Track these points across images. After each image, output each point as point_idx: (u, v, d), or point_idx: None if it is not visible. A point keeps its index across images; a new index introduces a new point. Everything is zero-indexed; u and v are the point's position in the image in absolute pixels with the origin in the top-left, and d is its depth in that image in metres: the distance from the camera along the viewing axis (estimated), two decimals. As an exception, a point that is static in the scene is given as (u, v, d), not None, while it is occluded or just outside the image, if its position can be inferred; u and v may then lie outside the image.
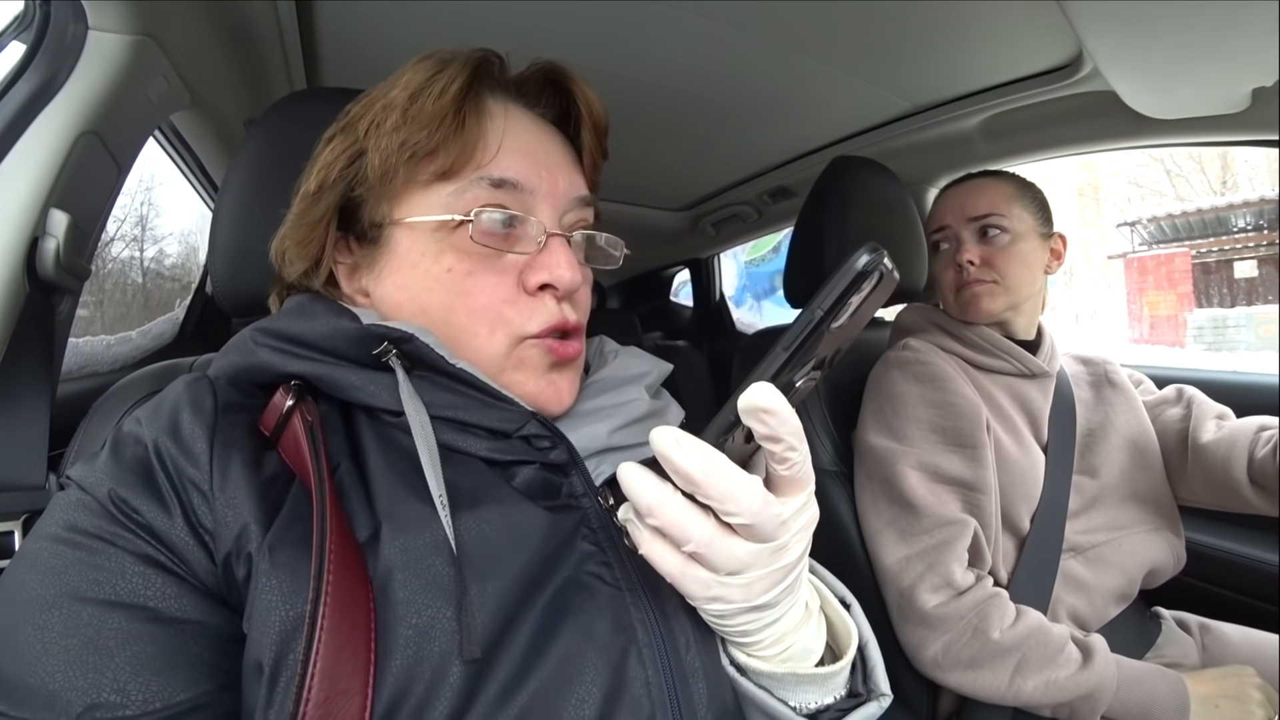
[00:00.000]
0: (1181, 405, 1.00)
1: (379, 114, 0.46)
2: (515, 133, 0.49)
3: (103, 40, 0.73)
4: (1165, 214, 9.09)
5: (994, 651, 0.75)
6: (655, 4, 0.92)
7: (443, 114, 0.45)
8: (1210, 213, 8.60)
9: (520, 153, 0.48)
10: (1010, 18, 0.92)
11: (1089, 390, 1.02)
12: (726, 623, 0.37)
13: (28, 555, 0.36)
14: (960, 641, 0.77)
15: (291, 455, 0.42)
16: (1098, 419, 0.98)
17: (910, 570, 0.81)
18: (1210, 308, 8.38)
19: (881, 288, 0.31)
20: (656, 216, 2.10)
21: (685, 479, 0.31)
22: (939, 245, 1.02)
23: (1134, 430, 0.98)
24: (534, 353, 0.48)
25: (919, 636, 0.80)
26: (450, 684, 0.35)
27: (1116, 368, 1.06)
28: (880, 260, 0.30)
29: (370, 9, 0.93)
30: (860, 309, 0.32)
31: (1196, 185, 10.71)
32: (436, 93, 0.45)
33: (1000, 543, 0.85)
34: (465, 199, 0.46)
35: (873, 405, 0.94)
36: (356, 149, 0.47)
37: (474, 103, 0.47)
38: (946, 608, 0.78)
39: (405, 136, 0.45)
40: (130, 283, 2.01)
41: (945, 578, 0.79)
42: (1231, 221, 8.56)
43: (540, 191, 0.49)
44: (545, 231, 0.48)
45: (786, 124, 1.37)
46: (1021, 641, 0.75)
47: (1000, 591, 0.79)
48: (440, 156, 0.46)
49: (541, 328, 0.48)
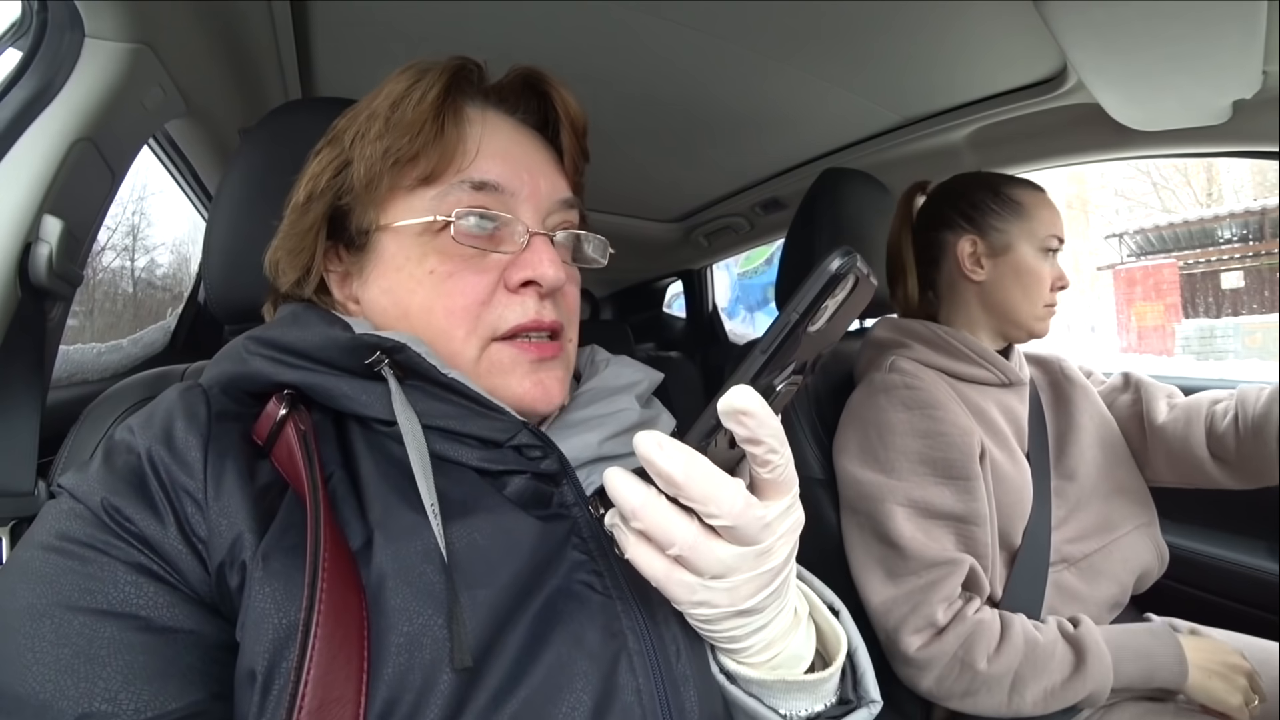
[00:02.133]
0: (1131, 390, 1.01)
1: (363, 125, 0.48)
2: (494, 137, 0.50)
3: (99, 48, 0.73)
4: (1152, 225, 9.20)
5: (985, 680, 0.75)
6: (647, 17, 0.93)
7: (422, 120, 0.46)
8: (1196, 224, 8.72)
9: (499, 156, 0.49)
10: (996, 32, 0.94)
11: (1050, 392, 1.01)
12: (713, 628, 0.37)
13: (19, 564, 0.36)
14: (950, 677, 0.76)
15: (285, 464, 0.42)
16: (1065, 420, 0.97)
17: (895, 612, 0.80)
18: (1198, 318, 8.46)
19: (858, 292, 0.32)
20: (649, 228, 2.11)
21: (668, 481, 0.32)
22: (1051, 251, 0.92)
23: (1099, 425, 0.98)
24: (505, 354, 0.49)
25: (909, 674, 0.80)
26: (441, 692, 0.35)
27: (1070, 364, 1.05)
28: (853, 264, 0.30)
29: (365, 20, 0.94)
30: (837, 313, 0.32)
31: (1182, 197, 10.88)
32: (416, 99, 0.46)
33: (996, 563, 0.84)
34: (447, 202, 0.48)
35: (856, 432, 0.90)
36: (342, 159, 0.49)
37: (452, 108, 0.48)
38: (929, 649, 0.77)
39: (388, 144, 0.46)
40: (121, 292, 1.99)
41: (928, 619, 0.77)
42: (1218, 232, 8.67)
43: (522, 193, 0.50)
44: (528, 231, 0.49)
45: (778, 136, 1.39)
46: (1010, 664, 0.75)
47: (983, 617, 0.78)
48: (422, 162, 0.47)
49: (514, 324, 0.48)
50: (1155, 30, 0.75)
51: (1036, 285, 0.91)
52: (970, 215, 0.95)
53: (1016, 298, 0.92)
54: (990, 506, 0.83)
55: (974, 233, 0.94)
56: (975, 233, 0.94)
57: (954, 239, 0.95)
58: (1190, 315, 8.61)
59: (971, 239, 0.94)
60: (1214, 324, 7.88)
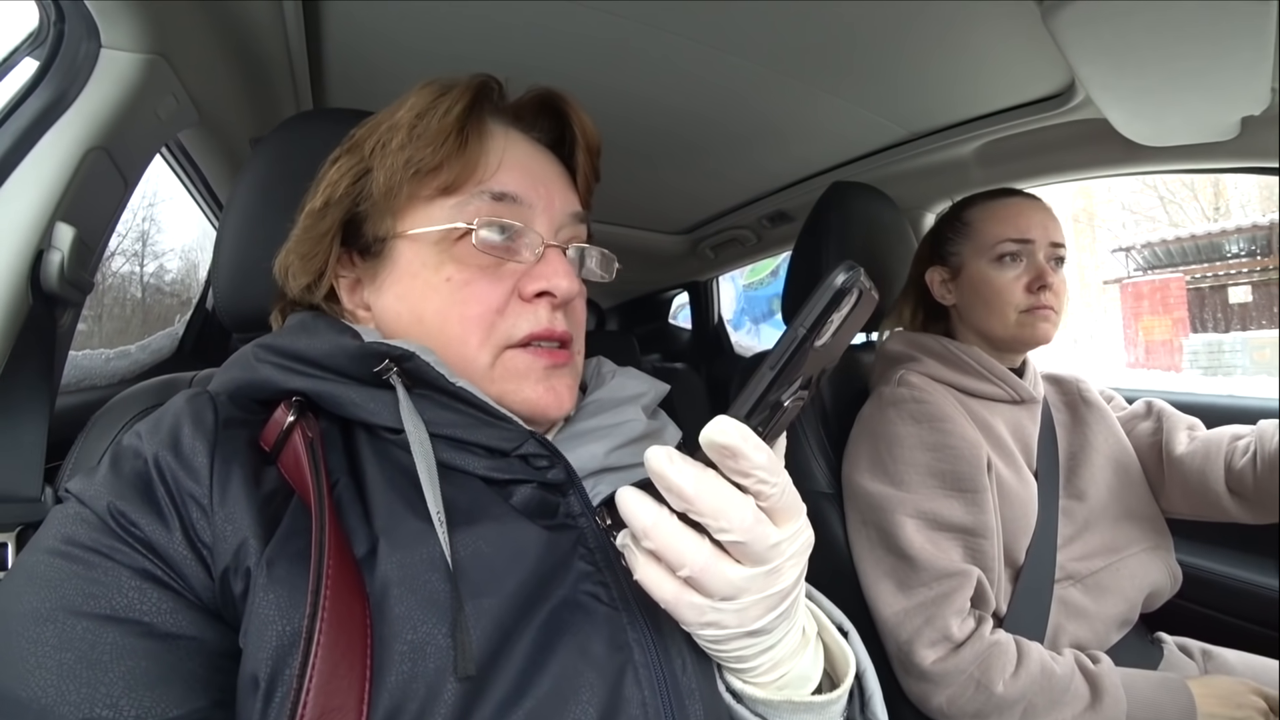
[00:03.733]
0: (1152, 419, 1.00)
1: (384, 134, 0.48)
2: (514, 152, 0.51)
3: (115, 58, 0.74)
4: (1160, 240, 9.19)
5: (999, 704, 0.74)
6: (656, 31, 0.93)
7: (446, 132, 0.47)
8: (1204, 238, 8.71)
9: (519, 169, 0.51)
10: (1004, 47, 0.94)
11: (1066, 412, 1.01)
12: (721, 648, 0.37)
13: (24, 568, 0.36)
14: (964, 696, 0.75)
15: (291, 471, 0.42)
16: (1079, 441, 0.97)
17: (908, 624, 0.79)
18: (1205, 333, 8.42)
19: (861, 306, 0.32)
20: (656, 239, 2.12)
21: (678, 495, 0.31)
22: (1008, 257, 0.92)
23: (1115, 448, 0.97)
24: (520, 360, 0.49)
25: (921, 690, 0.79)
26: (445, 701, 0.35)
27: (1089, 386, 1.05)
28: (858, 278, 0.31)
29: (377, 32, 0.95)
30: (842, 328, 0.32)
31: (1190, 212, 10.85)
32: (441, 113, 0.47)
33: (1001, 578, 0.84)
34: (467, 211, 0.48)
35: (866, 445, 0.91)
36: (362, 168, 0.49)
37: (476, 123, 0.50)
38: (945, 663, 0.76)
39: (410, 154, 0.47)
40: (129, 298, 2.01)
41: (943, 631, 0.77)
42: (1225, 247, 8.65)
43: (538, 206, 0.51)
44: (543, 243, 0.50)
45: (786, 149, 1.39)
46: (1025, 690, 0.74)
47: (999, 639, 0.77)
48: (444, 172, 0.48)
49: (528, 332, 0.49)
50: (1164, 47, 0.75)
51: (995, 295, 0.92)
52: (934, 247, 1.02)
53: (980, 312, 0.94)
54: (995, 521, 0.83)
55: (936, 262, 1.01)
56: (937, 262, 1.00)
57: (926, 272, 1.02)
58: (1198, 330, 8.57)
59: (936, 269, 1.00)
60: (1221, 339, 7.85)
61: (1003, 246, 0.92)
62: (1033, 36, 0.83)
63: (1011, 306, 0.91)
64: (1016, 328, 0.92)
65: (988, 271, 0.93)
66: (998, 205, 0.95)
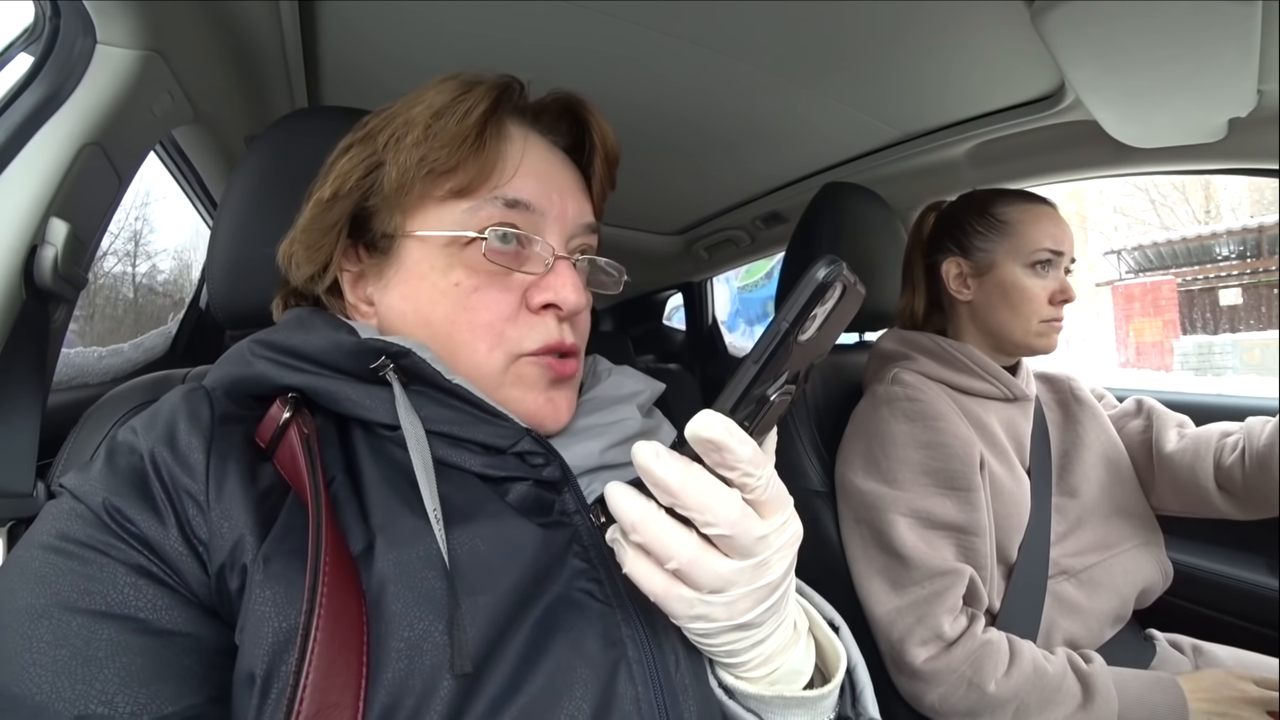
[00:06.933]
0: (1142, 417, 1.01)
1: (399, 128, 0.47)
2: (532, 157, 0.50)
3: (110, 54, 0.74)
4: (1150, 242, 9.24)
5: (991, 703, 0.74)
6: (650, 33, 0.94)
7: (465, 135, 0.46)
8: (1195, 241, 8.76)
9: (535, 176, 0.50)
10: (995, 49, 0.95)
11: (1058, 410, 1.02)
12: (711, 642, 0.37)
13: (18, 564, 0.36)
14: (956, 694, 0.76)
15: (287, 467, 0.42)
16: (1071, 438, 0.98)
17: (900, 622, 0.80)
18: (1196, 334, 8.48)
19: (847, 301, 0.32)
20: (650, 240, 2.12)
21: (664, 490, 0.32)
22: (1041, 265, 0.91)
23: (1106, 446, 0.98)
24: (532, 370, 0.49)
25: (914, 689, 0.79)
26: (440, 697, 0.35)
27: (1081, 384, 1.06)
28: (840, 272, 0.31)
29: (373, 30, 0.95)
30: (827, 322, 0.32)
31: (1181, 214, 10.93)
32: (461, 114, 0.46)
33: (994, 576, 0.84)
34: (479, 216, 0.48)
35: (859, 444, 0.91)
36: (374, 160, 0.48)
37: (496, 126, 0.48)
38: (937, 662, 0.77)
39: (425, 153, 0.46)
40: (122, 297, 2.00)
41: (935, 630, 0.77)
42: (1216, 250, 8.71)
43: (550, 214, 0.50)
44: (553, 254, 0.49)
45: (779, 150, 1.40)
46: (1018, 690, 0.74)
47: (992, 638, 0.77)
48: (458, 174, 0.47)
49: (538, 346, 0.49)
50: (1151, 49, 0.76)
51: (1025, 302, 0.91)
52: (956, 237, 0.97)
53: (1004, 315, 0.92)
54: (988, 519, 0.83)
55: (959, 254, 0.96)
56: (960, 254, 0.96)
57: (943, 261, 0.98)
58: (1188, 331, 8.62)
59: (956, 260, 0.96)
60: (1212, 340, 7.89)
61: (1040, 254, 0.90)
62: (1023, 39, 0.84)
63: (1036, 315, 0.91)
64: (1035, 336, 0.91)
65: (1021, 276, 0.91)
66: (1039, 210, 0.93)
